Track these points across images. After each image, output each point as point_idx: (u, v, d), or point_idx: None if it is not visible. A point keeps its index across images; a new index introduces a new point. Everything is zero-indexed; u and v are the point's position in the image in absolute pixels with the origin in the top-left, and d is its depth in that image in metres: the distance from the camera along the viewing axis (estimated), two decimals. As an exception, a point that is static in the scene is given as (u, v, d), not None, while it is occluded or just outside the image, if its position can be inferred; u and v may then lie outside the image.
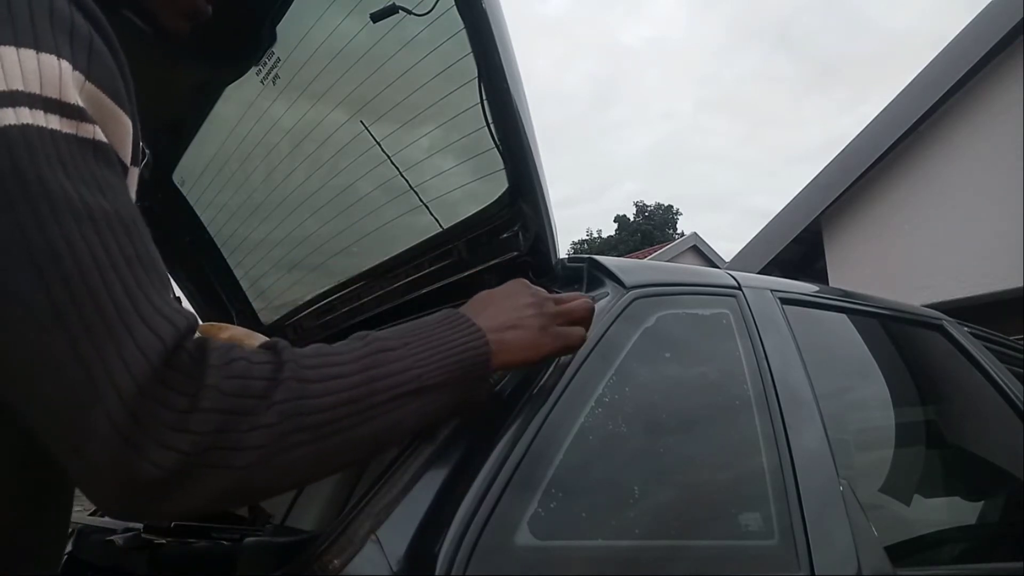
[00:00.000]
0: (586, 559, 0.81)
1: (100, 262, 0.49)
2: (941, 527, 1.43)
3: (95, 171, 0.52)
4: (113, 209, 0.52)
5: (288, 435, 0.55)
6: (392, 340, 0.66)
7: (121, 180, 0.55)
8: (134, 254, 0.51)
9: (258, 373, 0.55)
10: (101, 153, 0.53)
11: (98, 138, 0.53)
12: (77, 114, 0.52)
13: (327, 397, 0.58)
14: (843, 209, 6.15)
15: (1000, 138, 5.21)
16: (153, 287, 0.52)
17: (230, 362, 0.53)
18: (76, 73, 0.53)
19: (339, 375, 0.60)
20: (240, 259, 1.71)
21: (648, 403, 0.97)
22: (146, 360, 0.49)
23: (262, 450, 0.53)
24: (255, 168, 1.50)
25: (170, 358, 0.50)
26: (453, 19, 1.00)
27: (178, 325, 0.51)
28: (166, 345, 0.50)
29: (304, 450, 0.56)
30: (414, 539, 0.70)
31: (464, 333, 0.71)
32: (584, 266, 1.05)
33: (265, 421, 0.53)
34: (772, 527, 0.95)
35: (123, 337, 0.48)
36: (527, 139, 0.97)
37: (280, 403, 0.54)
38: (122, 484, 0.49)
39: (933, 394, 1.62)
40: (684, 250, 14.74)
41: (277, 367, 0.56)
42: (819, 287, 1.49)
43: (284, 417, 0.54)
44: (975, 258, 5.22)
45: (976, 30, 5.34)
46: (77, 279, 0.48)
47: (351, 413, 0.59)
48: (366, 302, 1.42)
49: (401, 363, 0.65)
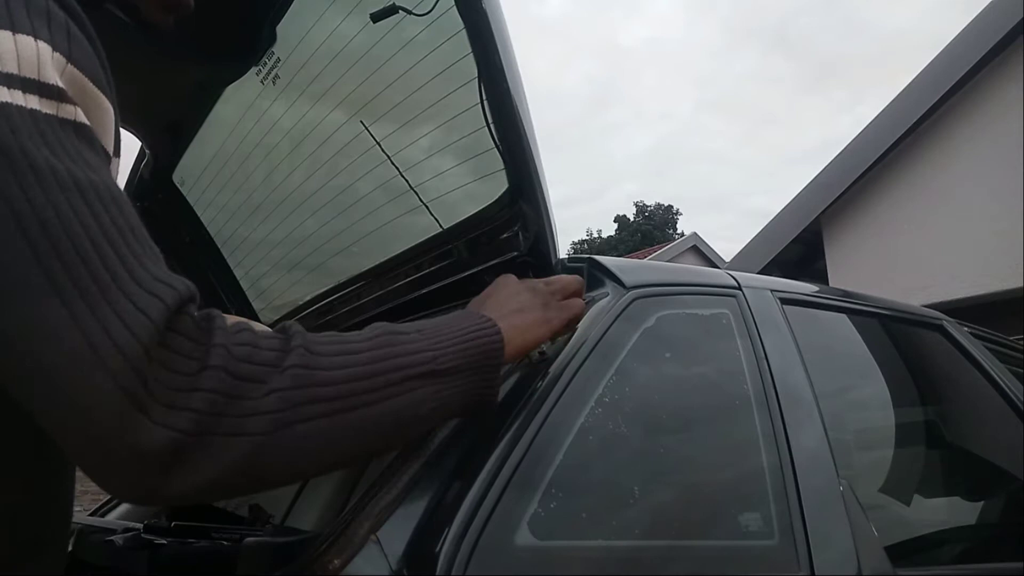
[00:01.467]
0: (586, 559, 0.81)
1: (91, 231, 0.48)
2: (941, 527, 1.43)
3: (78, 148, 0.51)
4: (101, 182, 0.51)
5: (301, 405, 0.53)
6: (404, 327, 0.66)
7: (104, 161, 0.54)
8: (126, 225, 0.50)
9: (267, 344, 0.54)
10: (83, 133, 0.53)
11: (79, 119, 0.53)
12: (57, 94, 0.51)
13: (339, 371, 0.57)
14: (843, 209, 6.15)
15: (1000, 138, 5.21)
16: (148, 257, 0.50)
17: (239, 331, 0.53)
18: (57, 55, 0.52)
19: (351, 351, 0.59)
20: (240, 259, 1.71)
21: (648, 403, 0.97)
22: (149, 320, 0.47)
23: (277, 415, 0.51)
24: (255, 168, 1.50)
25: (174, 321, 0.49)
26: (453, 19, 1.00)
27: (179, 289, 0.50)
28: (168, 307, 0.48)
29: (317, 424, 0.54)
30: (414, 539, 0.70)
31: (476, 321, 0.71)
32: (584, 266, 1.05)
33: (279, 384, 0.52)
34: (772, 527, 0.95)
35: (121, 301, 0.47)
36: (527, 139, 0.97)
37: (292, 368, 0.53)
38: (130, 452, 0.47)
39: (933, 394, 1.62)
40: (684, 250, 14.74)
41: (287, 339, 0.55)
42: (819, 287, 1.49)
43: (297, 383, 0.53)
44: (975, 258, 5.23)
45: (976, 30, 5.34)
46: (68, 247, 0.47)
47: (364, 390, 0.58)
48: (366, 302, 1.42)
49: (415, 344, 0.64)
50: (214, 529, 1.16)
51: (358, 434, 0.58)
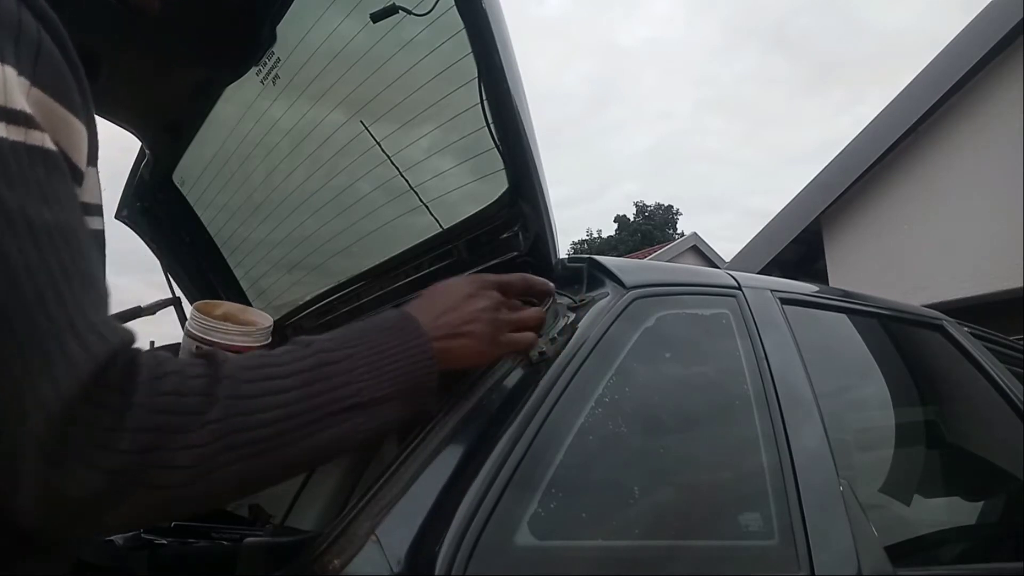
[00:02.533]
0: (586, 559, 0.81)
1: (35, 275, 0.49)
2: (941, 527, 1.43)
3: (41, 181, 0.51)
4: (55, 222, 0.51)
5: (220, 454, 0.54)
6: (336, 352, 0.65)
7: (69, 189, 0.54)
8: (72, 269, 0.51)
9: (192, 388, 0.54)
10: (51, 161, 0.52)
11: (47, 146, 0.52)
12: (24, 120, 0.51)
13: (264, 414, 0.57)
14: (843, 209, 6.15)
15: (1000, 138, 5.21)
16: (89, 302, 0.51)
17: (162, 377, 0.53)
18: (21, 79, 0.52)
19: (278, 390, 0.59)
20: (240, 259, 1.71)
21: (648, 403, 0.97)
22: (75, 378, 0.48)
23: (192, 469, 0.52)
24: (255, 168, 1.50)
25: (100, 375, 0.49)
26: (453, 19, 1.00)
27: (111, 341, 0.51)
28: (97, 362, 0.49)
29: (238, 467, 0.55)
30: (414, 539, 0.70)
31: (411, 344, 0.70)
32: (584, 266, 1.05)
33: (196, 441, 0.53)
34: (772, 527, 0.95)
35: (54, 354, 0.48)
36: (527, 139, 0.97)
37: (214, 422, 0.54)
38: (49, 503, 0.49)
39: (933, 394, 1.62)
40: (684, 250, 14.74)
41: (213, 382, 0.55)
42: (819, 287, 1.49)
43: (217, 437, 0.54)
44: (975, 258, 5.22)
45: (976, 30, 5.34)
46: (9, 292, 0.48)
47: (289, 429, 0.59)
48: (366, 302, 1.42)
49: (343, 377, 0.63)
50: (214, 529, 1.16)
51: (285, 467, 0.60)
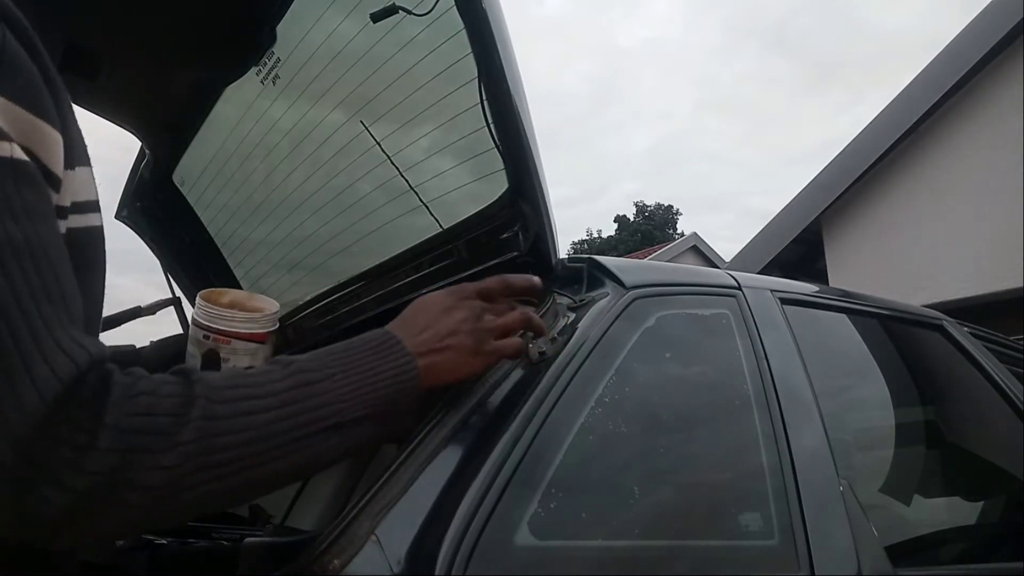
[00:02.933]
0: (586, 559, 0.81)
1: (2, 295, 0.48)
2: (941, 527, 1.43)
3: (10, 195, 0.50)
4: (23, 238, 0.50)
5: (190, 475, 0.53)
6: (316, 372, 0.64)
7: (42, 199, 0.53)
8: (40, 287, 0.50)
9: (164, 408, 0.53)
10: (20, 173, 0.51)
11: (16, 156, 0.51)
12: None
13: (237, 435, 0.56)
14: (843, 209, 6.15)
15: (1000, 138, 5.20)
16: (58, 321, 0.50)
17: (134, 396, 0.52)
18: None
19: (254, 411, 0.58)
20: (240, 259, 1.71)
21: (648, 403, 0.97)
22: (41, 400, 0.48)
23: (161, 490, 0.52)
24: (255, 168, 1.50)
25: (69, 395, 0.49)
26: (453, 19, 1.00)
27: (79, 361, 0.50)
28: (64, 383, 0.49)
29: (209, 487, 0.55)
30: (414, 539, 0.70)
31: (393, 362, 0.69)
32: (584, 266, 1.05)
33: (166, 462, 0.52)
34: (772, 527, 0.95)
35: (20, 375, 0.48)
36: (527, 139, 0.97)
37: (185, 444, 0.53)
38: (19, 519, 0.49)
39: (933, 394, 1.62)
40: (684, 250, 14.75)
41: (186, 402, 0.54)
42: (819, 287, 1.49)
43: (187, 458, 0.53)
44: (975, 258, 5.22)
45: (976, 30, 5.33)
46: None
47: (261, 451, 0.58)
48: (366, 302, 1.42)
49: (321, 398, 0.63)
50: (214, 529, 1.16)
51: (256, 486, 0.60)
